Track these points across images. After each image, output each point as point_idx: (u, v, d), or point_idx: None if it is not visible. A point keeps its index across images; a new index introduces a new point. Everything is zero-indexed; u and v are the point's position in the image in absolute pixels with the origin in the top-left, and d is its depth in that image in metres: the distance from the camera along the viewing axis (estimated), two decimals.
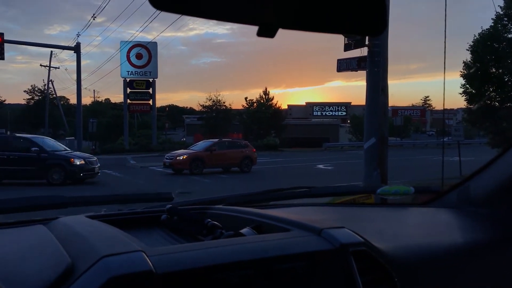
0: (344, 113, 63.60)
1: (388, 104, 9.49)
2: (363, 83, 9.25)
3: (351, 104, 64.56)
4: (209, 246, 0.94)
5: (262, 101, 49.47)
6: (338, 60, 10.43)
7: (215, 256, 0.89)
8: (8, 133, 30.36)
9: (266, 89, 52.19)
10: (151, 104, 42.03)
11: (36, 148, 16.50)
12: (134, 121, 50.15)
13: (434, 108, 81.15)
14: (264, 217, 1.24)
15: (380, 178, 8.87)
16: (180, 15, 0.86)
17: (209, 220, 1.23)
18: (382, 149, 9.02)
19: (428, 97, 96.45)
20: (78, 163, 16.85)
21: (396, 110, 61.88)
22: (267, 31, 0.84)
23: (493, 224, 1.59)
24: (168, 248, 0.92)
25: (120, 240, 0.95)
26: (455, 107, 66.60)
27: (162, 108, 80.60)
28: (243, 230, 1.14)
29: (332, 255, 1.01)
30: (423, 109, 72.38)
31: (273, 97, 50.32)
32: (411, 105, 79.25)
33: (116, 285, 0.76)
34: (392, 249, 1.18)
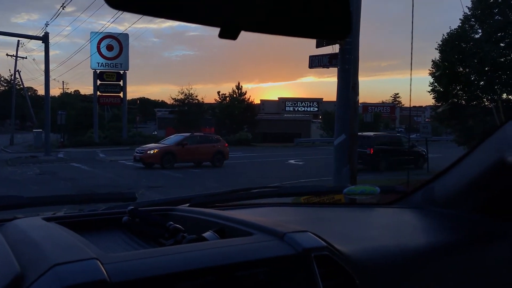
0: (316, 109, 64.04)
1: (358, 101, 9.60)
2: (335, 79, 9.32)
3: (323, 100, 65.05)
4: (168, 253, 0.91)
5: (235, 95, 49.35)
6: (310, 56, 10.49)
7: (175, 263, 0.87)
8: None
9: (239, 83, 52.21)
10: (122, 96, 41.38)
11: None
12: (105, 114, 49.23)
13: (403, 105, 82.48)
14: (227, 220, 1.22)
15: (349, 174, 8.97)
16: (140, 15, 0.83)
17: (171, 223, 1.20)
18: (352, 145, 9.12)
19: (398, 94, 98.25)
20: None
21: (367, 106, 62.72)
22: (228, 33, 0.82)
23: (456, 225, 1.61)
24: (124, 255, 0.88)
25: (74, 246, 0.91)
26: (423, 105, 68.08)
27: (133, 101, 79.37)
28: (206, 234, 1.11)
29: (294, 260, 0.99)
30: (393, 106, 73.57)
31: (246, 91, 50.29)
32: (381, 101, 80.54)
33: None
34: (355, 252, 1.18)
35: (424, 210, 1.77)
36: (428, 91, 19.74)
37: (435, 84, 19.48)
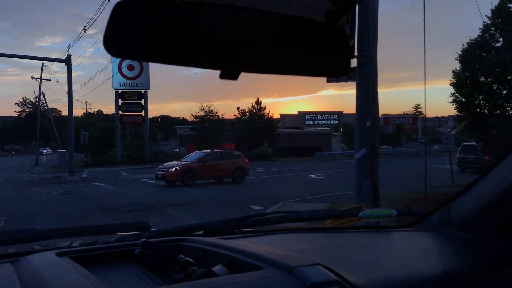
0: (337, 122, 63.76)
1: (378, 114, 9.53)
2: (355, 91, 9.27)
3: (343, 112, 64.77)
4: None
5: (254, 110, 49.55)
6: None
7: None
8: None
9: (258, 98, 52.36)
10: (143, 115, 41.97)
11: None
12: (127, 133, 49.97)
13: (425, 116, 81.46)
14: (237, 252, 1.22)
15: (371, 188, 8.86)
16: (144, 62, 0.84)
17: (182, 256, 1.21)
18: (373, 159, 9.02)
19: (419, 105, 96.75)
20: None
21: (388, 118, 62.13)
22: (229, 75, 0.83)
23: (473, 249, 1.57)
24: None
25: (82, 287, 0.92)
26: (446, 115, 67.09)
27: (155, 119, 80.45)
28: (215, 269, 1.11)
29: None
30: (415, 117, 72.65)
31: (265, 106, 50.46)
32: (402, 113, 79.63)
33: None
34: (369, 283, 1.16)
35: (441, 234, 1.73)
36: (450, 102, 19.49)
37: (457, 94, 19.22)
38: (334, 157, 45.22)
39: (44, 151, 77.04)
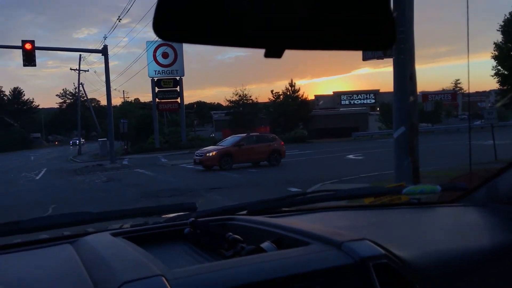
0: (373, 101, 62.66)
1: (416, 91, 9.29)
2: (392, 69, 9.07)
3: (380, 91, 63.54)
4: (229, 266, 0.95)
5: (288, 93, 49.27)
6: None
7: (235, 277, 0.90)
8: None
9: (291, 80, 52.04)
10: (179, 102, 42.47)
11: None
12: (164, 120, 50.82)
13: (465, 91, 78.72)
14: (284, 229, 1.24)
15: (411, 167, 8.71)
16: (188, 44, 0.86)
17: (230, 234, 1.24)
18: (412, 137, 8.84)
19: (458, 80, 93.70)
20: None
21: (426, 95, 60.58)
22: (273, 53, 0.84)
23: None
24: (187, 270, 0.93)
25: (140, 263, 0.97)
26: (487, 89, 64.63)
27: (190, 105, 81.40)
28: (264, 245, 1.14)
29: (353, 270, 1.00)
30: (454, 93, 70.50)
31: (299, 88, 50.08)
32: (441, 89, 77.36)
33: None
34: (416, 258, 1.16)
35: (488, 208, 1.70)
36: (492, 75, 18.79)
37: (499, 67, 18.48)
38: (372, 137, 44.55)
39: (77, 141, 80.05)
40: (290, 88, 49.67)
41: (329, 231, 1.19)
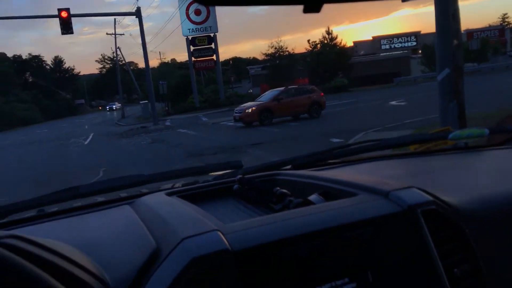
0: (414, 44, 60.31)
1: (460, 29, 8.86)
2: (433, 8, 8.65)
3: (421, 33, 60.94)
4: (280, 219, 0.99)
5: (325, 41, 48.07)
6: None
7: (286, 229, 0.94)
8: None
9: (328, 28, 50.56)
10: (215, 59, 42.36)
11: None
12: (201, 79, 51.02)
13: None
14: (330, 182, 1.27)
15: (457, 110, 8.46)
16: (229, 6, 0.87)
17: (278, 188, 1.28)
18: (457, 79, 8.53)
19: (506, 14, 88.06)
20: None
21: (471, 33, 57.60)
22: (312, 8, 0.84)
23: None
24: (241, 224, 0.98)
25: (197, 219, 1.02)
26: None
27: (226, 62, 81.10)
28: (311, 197, 1.17)
29: (401, 218, 1.01)
30: (502, 28, 66.54)
31: (336, 36, 48.73)
32: (487, 25, 73.17)
33: (197, 266, 0.84)
34: (465, 202, 1.16)
35: None
36: None
37: None
38: (414, 81, 43.20)
39: (114, 106, 79.65)
40: (327, 36, 48.42)
41: (375, 180, 1.20)
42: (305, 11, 0.85)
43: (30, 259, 0.66)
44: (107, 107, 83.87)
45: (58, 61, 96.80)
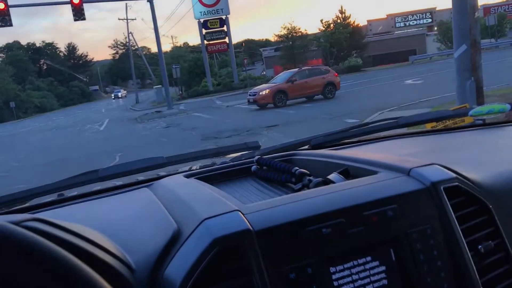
0: (430, 21, 59.16)
1: (477, 4, 8.66)
2: None
3: (436, 9, 59.71)
4: (300, 199, 0.98)
5: (338, 21, 47.41)
6: None
7: (307, 208, 0.93)
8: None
9: (342, 7, 49.80)
10: (227, 42, 42.16)
11: None
12: (214, 62, 50.88)
13: None
14: (350, 160, 1.25)
15: (475, 87, 8.31)
16: None
17: (297, 168, 1.27)
18: (475, 55, 8.35)
19: None
20: None
21: (488, 8, 56.21)
22: None
23: None
24: (261, 204, 0.97)
25: (217, 200, 1.02)
26: None
27: (239, 44, 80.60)
28: (331, 176, 1.16)
29: (423, 195, 1.00)
30: None
31: (350, 15, 48.03)
32: (505, 0, 71.35)
33: (219, 246, 0.83)
34: (487, 178, 1.14)
35: None
36: None
37: None
38: (430, 58, 42.51)
39: (119, 93, 72.87)
40: (340, 15, 47.76)
41: (396, 158, 1.19)
42: None
43: (54, 241, 0.67)
44: (112, 95, 76.92)
45: (71, 48, 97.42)
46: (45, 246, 0.63)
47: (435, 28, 51.51)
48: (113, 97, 73.93)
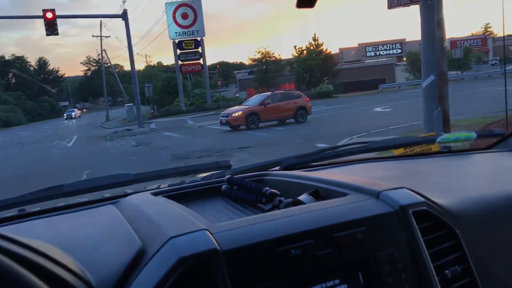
0: (399, 51, 61.04)
1: (445, 38, 8.99)
2: (418, 16, 8.75)
3: (406, 40, 61.72)
4: (269, 219, 0.96)
5: (312, 47, 48.35)
6: None
7: (276, 229, 0.92)
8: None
9: (315, 35, 50.94)
10: (202, 63, 42.29)
11: None
12: (188, 82, 50.87)
13: (496, 35, 75.49)
14: (321, 182, 1.25)
15: (441, 117, 8.56)
16: None
17: (267, 188, 1.26)
18: (442, 85, 8.64)
19: (488, 24, 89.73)
20: None
21: (455, 41, 58.53)
22: (306, 2, 0.82)
23: None
24: (229, 224, 0.95)
25: (184, 218, 1.00)
26: None
27: (213, 66, 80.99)
28: (301, 197, 1.15)
29: (392, 218, 1.00)
30: (484, 38, 67.75)
31: (323, 42, 49.11)
32: (470, 34, 74.44)
33: (185, 265, 0.81)
34: (455, 203, 1.16)
35: None
36: None
37: None
38: (399, 88, 43.64)
39: (72, 113, 62.42)
40: (313, 42, 48.74)
41: (366, 181, 1.19)
42: (298, 5, 0.84)
43: (12, 257, 0.63)
44: (65, 115, 64.03)
45: (42, 63, 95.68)
46: (1, 263, 0.60)
47: (404, 59, 53.09)
48: (65, 117, 63.00)
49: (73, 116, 62.65)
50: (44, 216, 1.36)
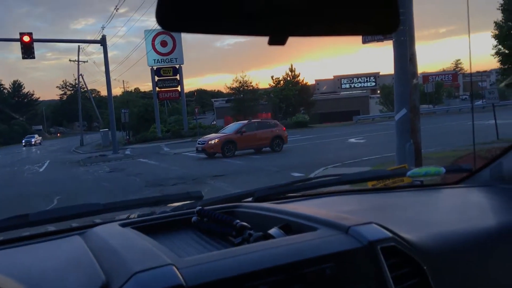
0: (374, 84, 62.52)
1: (417, 72, 9.27)
2: (391, 48, 9.02)
3: (380, 74, 63.36)
4: (238, 254, 0.96)
5: (288, 78, 49.09)
6: None
7: (245, 264, 0.91)
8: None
9: (291, 66, 51.81)
10: (180, 90, 42.39)
11: None
12: (165, 109, 50.76)
13: (466, 71, 78.29)
14: (291, 215, 1.25)
15: (413, 149, 8.73)
16: (191, 34, 0.86)
17: (238, 221, 1.25)
18: (414, 119, 8.85)
19: (459, 60, 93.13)
20: None
21: (427, 76, 60.37)
22: (277, 40, 0.84)
23: None
24: (197, 258, 0.94)
25: (151, 253, 0.98)
26: (488, 69, 64.28)
27: (191, 93, 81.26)
28: (272, 231, 1.15)
29: (361, 254, 1.01)
30: (455, 73, 70.17)
31: (299, 73, 49.95)
32: (442, 70, 77.03)
33: None
34: (423, 239, 1.17)
35: (493, 188, 1.71)
36: (492, 55, 18.69)
37: (499, 46, 18.37)
38: (373, 120, 44.48)
39: (32, 140, 58.45)
40: (290, 73, 49.53)
41: (336, 215, 1.20)
42: (270, 43, 0.86)
43: None
44: (23, 141, 58.93)
45: (17, 86, 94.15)
46: None
47: (378, 91, 54.34)
48: (23, 144, 58.01)
49: (32, 142, 58.42)
50: (7, 247, 1.31)
